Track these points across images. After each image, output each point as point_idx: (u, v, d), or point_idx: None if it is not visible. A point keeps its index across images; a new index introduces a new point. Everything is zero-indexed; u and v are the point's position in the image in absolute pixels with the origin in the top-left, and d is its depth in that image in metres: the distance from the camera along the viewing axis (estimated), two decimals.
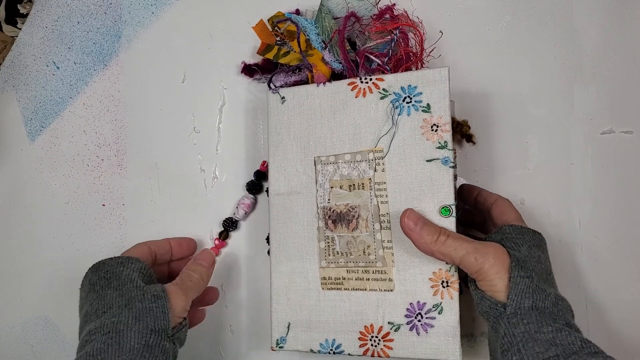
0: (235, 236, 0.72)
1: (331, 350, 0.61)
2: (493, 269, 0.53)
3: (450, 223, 0.56)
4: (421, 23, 0.66)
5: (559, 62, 0.67)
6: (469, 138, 0.67)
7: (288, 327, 0.63)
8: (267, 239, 0.65)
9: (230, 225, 0.71)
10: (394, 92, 0.60)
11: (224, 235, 0.72)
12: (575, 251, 0.65)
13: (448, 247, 0.54)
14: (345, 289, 0.61)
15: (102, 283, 0.59)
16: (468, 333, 0.67)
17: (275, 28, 0.69)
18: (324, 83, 0.63)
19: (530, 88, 0.67)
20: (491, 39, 0.68)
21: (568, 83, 0.66)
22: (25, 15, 0.78)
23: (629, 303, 0.64)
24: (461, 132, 0.67)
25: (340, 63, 0.64)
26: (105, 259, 0.62)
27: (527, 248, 0.55)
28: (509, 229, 0.57)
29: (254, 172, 0.71)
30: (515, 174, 0.67)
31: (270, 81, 0.67)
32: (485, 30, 0.69)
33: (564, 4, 0.67)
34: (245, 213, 0.71)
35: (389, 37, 0.63)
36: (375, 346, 0.59)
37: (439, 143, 0.57)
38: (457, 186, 0.67)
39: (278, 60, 0.68)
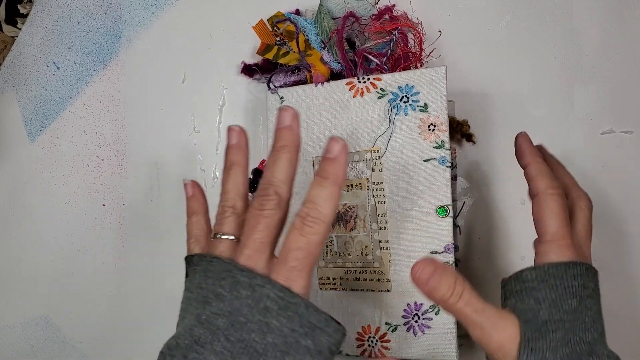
0: None
1: None
2: (498, 353, 0.44)
3: (447, 223, 0.56)
4: (420, 24, 0.66)
5: (559, 62, 0.66)
6: (469, 138, 0.67)
7: None
8: None
9: None
10: (391, 92, 0.60)
11: None
12: None
13: (456, 311, 0.46)
14: (343, 289, 0.61)
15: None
16: (468, 334, 0.66)
17: (275, 28, 0.69)
18: (323, 83, 0.63)
19: (530, 88, 0.67)
20: (491, 38, 0.68)
21: (568, 83, 0.66)
22: (25, 16, 0.78)
23: (630, 304, 0.64)
24: (461, 131, 0.67)
25: (339, 63, 0.64)
26: (303, 304, 0.41)
27: (550, 304, 0.44)
28: (530, 275, 0.46)
29: (252, 171, 0.71)
30: (515, 174, 0.66)
31: (269, 81, 0.67)
32: (485, 30, 0.68)
33: (564, 4, 0.67)
34: None
35: (388, 37, 0.63)
36: (373, 347, 0.59)
37: (436, 143, 0.57)
38: (457, 185, 0.67)
39: (277, 60, 0.68)
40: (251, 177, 0.71)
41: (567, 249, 0.47)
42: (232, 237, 0.45)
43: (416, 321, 0.58)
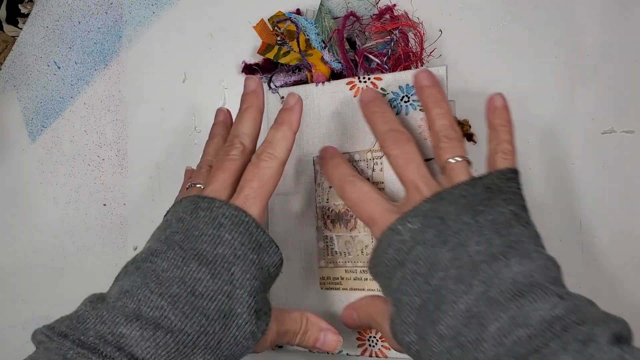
0: None
1: None
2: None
3: None
4: (421, 24, 0.66)
5: (560, 62, 0.66)
6: (470, 137, 0.67)
7: None
8: None
9: None
10: (392, 91, 0.60)
11: None
12: (576, 251, 0.65)
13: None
14: (344, 289, 0.61)
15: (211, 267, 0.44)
16: None
17: (276, 28, 0.69)
18: (323, 83, 0.63)
19: (531, 87, 0.67)
20: (492, 38, 0.68)
21: (569, 82, 0.66)
22: (26, 15, 0.78)
23: (630, 303, 0.64)
24: (462, 131, 0.66)
25: (340, 62, 0.64)
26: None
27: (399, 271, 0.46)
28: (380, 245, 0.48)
29: None
30: None
31: (270, 81, 0.67)
32: (486, 29, 0.68)
33: (565, 3, 0.67)
34: None
35: (389, 37, 0.63)
36: (373, 346, 0.59)
37: None
38: None
39: (278, 60, 0.68)
40: None
41: None
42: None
43: None
